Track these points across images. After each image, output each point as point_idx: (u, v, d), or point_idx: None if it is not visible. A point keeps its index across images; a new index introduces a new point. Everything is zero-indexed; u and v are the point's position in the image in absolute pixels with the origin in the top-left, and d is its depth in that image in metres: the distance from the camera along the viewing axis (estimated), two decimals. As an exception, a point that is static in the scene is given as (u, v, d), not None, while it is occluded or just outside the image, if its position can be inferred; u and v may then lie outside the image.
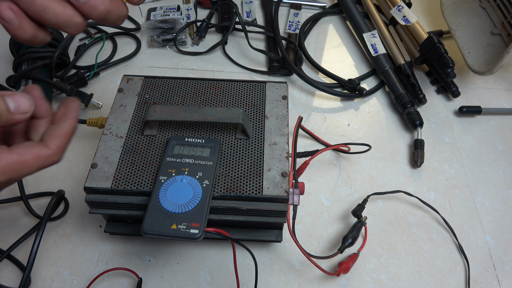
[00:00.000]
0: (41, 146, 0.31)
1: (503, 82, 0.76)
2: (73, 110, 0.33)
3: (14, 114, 0.29)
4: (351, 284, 0.51)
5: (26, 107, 0.29)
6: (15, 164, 0.29)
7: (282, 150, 0.47)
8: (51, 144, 0.31)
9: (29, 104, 0.30)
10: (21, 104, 0.29)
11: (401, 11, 0.74)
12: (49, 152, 0.31)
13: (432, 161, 0.63)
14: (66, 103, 0.34)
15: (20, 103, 0.29)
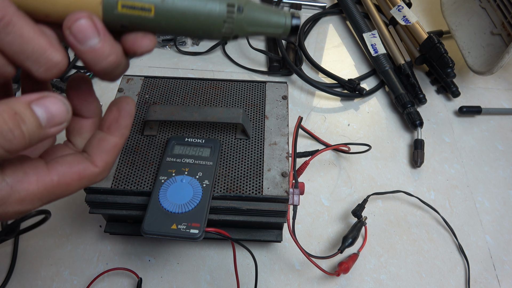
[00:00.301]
0: (87, 163, 0.25)
1: (503, 82, 0.76)
2: (127, 115, 0.26)
3: (47, 128, 0.22)
4: (351, 284, 0.51)
5: (61, 116, 0.22)
6: (55, 188, 0.23)
7: (282, 150, 0.47)
8: (98, 160, 0.25)
9: (65, 110, 0.22)
10: (54, 112, 0.22)
11: (401, 11, 0.74)
12: (96, 170, 0.25)
13: (432, 161, 0.63)
14: (119, 104, 0.26)
15: (53, 110, 0.22)
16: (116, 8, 0.22)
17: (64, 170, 0.24)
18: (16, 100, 0.21)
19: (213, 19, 0.24)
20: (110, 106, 0.26)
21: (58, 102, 0.22)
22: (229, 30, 0.25)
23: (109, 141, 0.26)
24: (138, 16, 0.23)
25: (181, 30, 0.24)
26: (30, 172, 0.23)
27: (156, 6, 0.23)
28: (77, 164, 0.24)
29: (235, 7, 0.24)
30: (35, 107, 0.21)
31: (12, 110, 0.20)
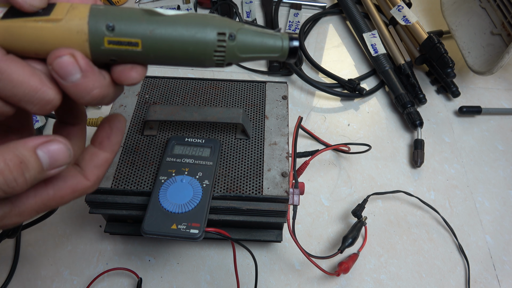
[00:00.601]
0: (79, 177, 0.26)
1: (503, 82, 0.76)
2: (118, 132, 0.27)
3: (48, 171, 0.23)
4: (351, 284, 0.51)
5: (63, 160, 0.23)
6: (50, 200, 0.25)
7: (282, 150, 0.47)
8: (90, 174, 0.26)
9: (67, 155, 0.23)
10: (57, 157, 0.23)
11: (401, 11, 0.74)
12: (88, 184, 0.26)
13: (432, 161, 0.63)
14: (112, 122, 0.27)
15: (56, 155, 0.23)
16: (103, 44, 0.22)
17: (59, 185, 0.25)
18: (23, 144, 0.22)
19: (202, 49, 0.23)
20: (102, 122, 0.27)
21: (61, 146, 0.23)
22: (221, 59, 0.24)
23: (100, 156, 0.27)
24: (126, 50, 0.22)
25: (171, 60, 0.24)
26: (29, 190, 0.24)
27: (143, 40, 0.22)
28: (71, 178, 0.26)
29: (226, 35, 0.23)
30: (40, 152, 0.22)
31: (18, 158, 0.21)
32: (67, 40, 0.21)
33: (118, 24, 0.22)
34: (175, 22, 0.23)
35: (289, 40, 0.25)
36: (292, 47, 0.25)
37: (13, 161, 0.21)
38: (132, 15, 0.22)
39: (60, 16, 0.21)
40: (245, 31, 0.24)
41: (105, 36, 0.22)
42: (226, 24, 0.23)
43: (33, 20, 0.21)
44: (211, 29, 0.23)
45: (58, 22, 0.21)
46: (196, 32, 0.23)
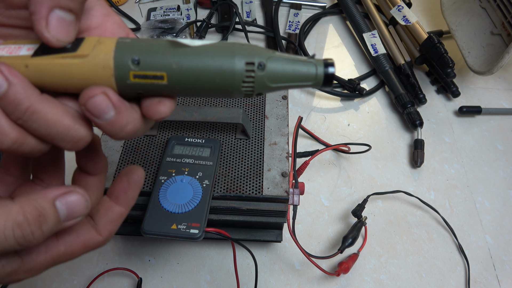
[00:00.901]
0: (92, 232, 0.25)
1: (503, 82, 0.76)
2: (136, 187, 0.27)
3: (64, 222, 0.23)
4: (351, 284, 0.51)
5: (80, 212, 0.23)
6: (60, 257, 0.24)
7: (282, 150, 0.47)
8: (103, 230, 0.26)
9: (85, 207, 0.23)
10: (74, 209, 0.23)
11: (401, 11, 0.74)
12: (100, 239, 0.26)
13: (432, 161, 0.63)
14: (130, 175, 0.27)
15: (74, 206, 0.23)
16: (128, 78, 0.22)
17: (71, 240, 0.25)
18: (43, 196, 0.22)
19: (230, 80, 0.22)
20: (120, 175, 0.27)
21: (80, 198, 0.23)
22: (250, 89, 0.23)
23: (115, 211, 0.27)
24: (151, 84, 0.22)
25: (198, 92, 0.23)
26: (40, 243, 0.23)
27: (168, 73, 0.22)
28: (83, 233, 0.25)
29: (255, 65, 0.22)
30: (58, 203, 0.22)
31: (38, 211, 0.21)
32: (93, 76, 0.21)
33: (144, 57, 0.22)
34: (201, 53, 0.22)
35: (324, 66, 0.23)
36: (328, 74, 0.23)
37: (32, 214, 0.21)
38: (157, 47, 0.22)
39: (86, 51, 0.21)
40: (276, 59, 0.23)
41: (130, 71, 0.22)
42: (255, 53, 0.22)
43: (61, 57, 0.21)
44: (238, 59, 0.22)
45: (84, 58, 0.21)
46: (223, 63, 0.22)
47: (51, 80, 0.22)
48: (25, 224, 0.21)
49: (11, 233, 0.20)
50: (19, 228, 0.21)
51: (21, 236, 0.21)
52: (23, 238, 0.21)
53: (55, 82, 0.22)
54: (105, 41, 0.22)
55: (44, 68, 0.21)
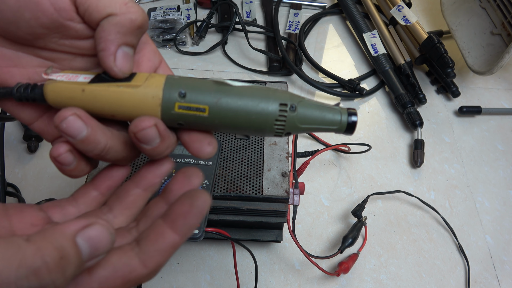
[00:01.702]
0: (135, 263, 0.21)
1: (503, 82, 0.76)
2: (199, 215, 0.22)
3: (86, 262, 0.19)
4: (351, 284, 0.51)
5: (104, 248, 0.19)
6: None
7: (282, 150, 0.47)
8: (149, 260, 0.21)
9: (109, 241, 0.19)
10: (98, 245, 0.19)
11: (401, 11, 0.74)
12: (144, 272, 0.21)
13: (432, 161, 0.63)
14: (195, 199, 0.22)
15: (97, 242, 0.19)
16: (173, 108, 0.24)
17: (107, 276, 0.20)
18: (61, 233, 0.18)
19: (264, 118, 0.24)
20: (183, 197, 0.22)
21: (104, 231, 0.19)
22: (281, 129, 0.25)
23: (168, 238, 0.21)
24: (193, 115, 0.24)
25: (234, 127, 0.25)
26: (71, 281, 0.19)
27: (210, 107, 0.24)
28: (123, 266, 0.21)
29: (287, 106, 0.24)
30: (79, 239, 0.18)
31: (59, 253, 0.17)
32: (142, 103, 0.24)
33: (190, 91, 0.24)
34: (241, 92, 0.24)
35: (348, 115, 0.25)
36: (351, 122, 0.25)
37: (53, 257, 0.17)
38: (203, 85, 0.24)
39: (139, 83, 0.24)
40: (306, 104, 0.25)
41: (176, 102, 0.24)
42: (288, 96, 0.25)
43: (116, 85, 0.24)
44: (274, 100, 0.24)
45: (137, 88, 0.24)
46: (259, 102, 0.24)
47: (103, 106, 0.24)
48: (44, 271, 0.17)
49: (25, 283, 0.16)
50: (36, 277, 0.16)
51: (38, 287, 0.17)
52: None
53: (106, 107, 0.24)
54: (156, 76, 0.25)
55: (99, 93, 0.24)
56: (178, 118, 0.24)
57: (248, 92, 0.24)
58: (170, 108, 0.24)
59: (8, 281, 0.16)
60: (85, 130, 0.22)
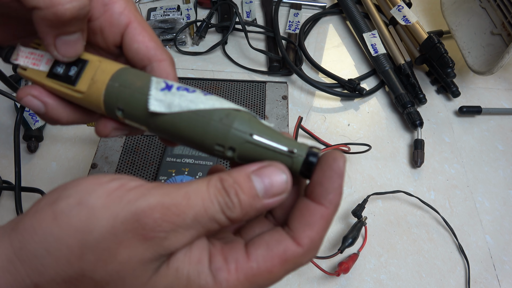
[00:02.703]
0: (287, 242, 0.21)
1: (503, 82, 0.76)
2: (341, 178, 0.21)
3: (264, 199, 0.20)
4: (351, 284, 0.51)
5: (280, 187, 0.20)
6: (255, 276, 0.20)
7: (282, 150, 0.47)
8: (302, 237, 0.21)
9: (284, 181, 0.21)
10: (273, 183, 0.20)
11: (401, 11, 0.74)
12: (299, 251, 0.21)
13: (432, 161, 0.63)
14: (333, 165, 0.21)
15: (273, 181, 0.20)
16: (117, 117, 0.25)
17: (263, 254, 0.20)
18: (239, 169, 0.21)
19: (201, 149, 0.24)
20: (323, 168, 0.21)
21: (278, 172, 0.21)
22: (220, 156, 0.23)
23: (314, 210, 0.21)
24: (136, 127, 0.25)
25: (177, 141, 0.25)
26: (229, 258, 0.21)
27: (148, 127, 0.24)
28: (275, 244, 0.21)
29: (225, 148, 0.22)
30: (253, 176, 0.20)
31: (233, 179, 0.20)
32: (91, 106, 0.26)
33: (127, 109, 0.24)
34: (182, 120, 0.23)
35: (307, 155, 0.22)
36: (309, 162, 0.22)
37: (228, 182, 0.20)
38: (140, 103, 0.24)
39: (83, 88, 0.25)
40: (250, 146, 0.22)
41: (118, 115, 0.25)
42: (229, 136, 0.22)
43: (65, 87, 0.25)
44: (211, 139, 0.22)
45: (82, 94, 0.25)
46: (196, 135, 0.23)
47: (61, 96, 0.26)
48: (223, 191, 0.20)
49: (215, 198, 0.20)
50: (220, 194, 0.20)
51: (223, 202, 0.20)
52: (225, 204, 0.20)
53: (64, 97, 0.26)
54: (99, 80, 0.25)
55: (56, 89, 0.26)
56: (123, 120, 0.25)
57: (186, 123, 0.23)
58: (114, 114, 0.25)
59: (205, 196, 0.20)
60: (42, 108, 0.25)
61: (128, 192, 0.20)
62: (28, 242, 0.19)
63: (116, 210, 0.19)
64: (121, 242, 0.19)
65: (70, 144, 0.62)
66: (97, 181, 0.20)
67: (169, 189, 0.20)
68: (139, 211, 0.19)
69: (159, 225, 0.19)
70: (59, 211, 0.19)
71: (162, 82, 0.24)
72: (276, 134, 0.23)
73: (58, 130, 0.64)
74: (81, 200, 0.19)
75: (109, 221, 0.19)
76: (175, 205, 0.19)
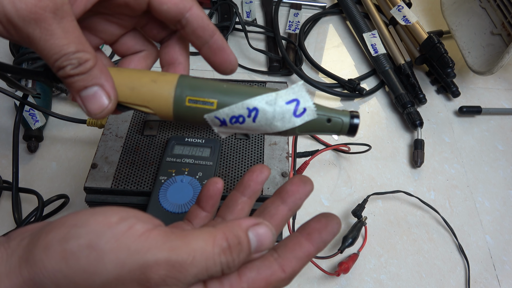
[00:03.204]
0: (275, 267, 0.24)
1: (503, 82, 0.76)
2: (331, 233, 0.26)
3: (253, 254, 0.23)
4: (351, 284, 0.51)
5: (268, 245, 0.23)
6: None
7: (282, 150, 0.47)
8: (288, 266, 0.24)
9: (272, 240, 0.24)
10: (264, 241, 0.23)
11: (401, 11, 0.74)
12: (282, 276, 0.24)
13: (432, 161, 0.63)
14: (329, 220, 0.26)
15: (263, 239, 0.23)
16: (184, 102, 0.27)
17: (253, 277, 0.24)
18: (238, 225, 0.23)
19: None
20: (319, 216, 0.27)
21: (268, 231, 0.23)
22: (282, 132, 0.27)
23: (304, 248, 0.25)
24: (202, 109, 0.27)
25: None
26: (224, 281, 0.23)
27: (218, 102, 0.27)
28: (265, 269, 0.24)
29: None
30: (250, 234, 0.23)
31: (237, 239, 0.22)
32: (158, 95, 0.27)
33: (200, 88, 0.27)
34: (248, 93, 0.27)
35: (350, 117, 0.27)
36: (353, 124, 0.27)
37: (234, 241, 0.22)
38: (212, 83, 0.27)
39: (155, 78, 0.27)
40: None
41: (187, 96, 0.27)
42: None
43: None
44: None
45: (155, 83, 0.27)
46: None
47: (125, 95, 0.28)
48: (228, 251, 0.22)
49: (218, 259, 0.22)
50: (224, 254, 0.22)
51: (225, 263, 0.22)
52: (226, 265, 0.22)
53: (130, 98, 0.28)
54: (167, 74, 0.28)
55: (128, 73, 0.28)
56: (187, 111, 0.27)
57: (254, 93, 0.26)
58: (182, 102, 0.27)
59: (209, 256, 0.22)
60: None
61: (136, 239, 0.21)
62: (38, 275, 0.20)
63: (124, 259, 0.20)
64: None
65: (70, 144, 0.62)
66: (107, 222, 0.21)
67: (177, 243, 0.21)
68: (146, 265, 0.20)
69: (163, 280, 0.21)
70: (69, 251, 0.20)
71: None
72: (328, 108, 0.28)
73: (58, 130, 0.64)
74: (90, 243, 0.21)
75: (116, 268, 0.20)
76: (180, 263, 0.21)
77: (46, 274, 0.20)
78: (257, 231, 0.23)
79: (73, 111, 0.66)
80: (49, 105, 0.64)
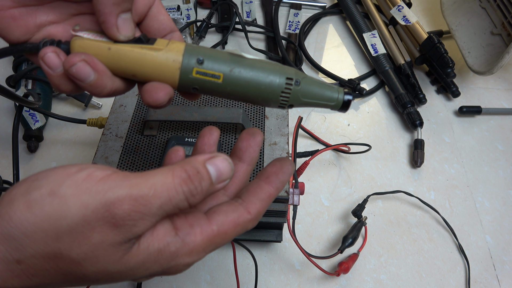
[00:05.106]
0: (240, 210, 0.26)
1: (503, 82, 0.76)
2: (287, 174, 0.28)
3: (216, 185, 0.25)
4: (351, 284, 0.51)
5: (227, 174, 0.25)
6: (215, 237, 0.25)
7: (282, 150, 0.47)
8: (252, 207, 0.26)
9: (230, 169, 0.25)
10: (222, 171, 0.25)
11: (401, 11, 0.74)
12: (248, 217, 0.26)
13: (432, 161, 0.63)
14: (283, 163, 0.28)
15: (221, 169, 0.25)
16: (191, 73, 0.26)
17: (222, 219, 0.25)
18: (195, 160, 0.24)
19: (272, 89, 0.27)
20: (274, 161, 0.29)
21: (225, 161, 0.25)
22: (285, 100, 0.28)
23: (265, 190, 0.27)
24: (208, 81, 0.27)
25: (243, 96, 0.28)
26: (195, 224, 0.25)
27: (224, 75, 0.27)
28: (232, 212, 0.26)
29: (293, 80, 0.27)
30: (208, 165, 0.24)
31: (195, 169, 0.24)
32: (163, 66, 0.26)
33: (207, 59, 0.26)
34: (253, 64, 0.27)
35: (344, 94, 0.29)
36: (346, 100, 0.29)
37: (192, 171, 0.23)
38: (219, 54, 0.27)
39: (161, 47, 0.26)
40: (308, 80, 0.28)
41: (194, 67, 0.26)
42: (293, 72, 0.28)
43: (140, 47, 0.26)
44: (281, 74, 0.27)
45: (159, 51, 0.26)
46: (269, 74, 0.27)
47: (126, 65, 0.26)
48: (188, 180, 0.23)
49: (180, 188, 0.23)
50: (185, 184, 0.23)
51: (188, 191, 0.23)
52: (189, 193, 0.23)
53: (129, 67, 0.26)
54: (176, 42, 0.27)
55: (124, 53, 0.26)
56: (194, 82, 0.27)
57: (259, 65, 0.27)
58: (188, 73, 0.26)
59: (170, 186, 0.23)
60: (92, 75, 0.25)
61: (96, 183, 0.22)
62: (5, 227, 0.21)
63: (86, 200, 0.21)
64: (93, 228, 0.21)
65: (70, 144, 0.62)
66: (66, 172, 0.22)
67: (136, 180, 0.22)
68: (108, 202, 0.21)
69: (128, 215, 0.22)
70: (32, 200, 0.21)
71: None
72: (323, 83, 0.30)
73: (58, 130, 0.64)
74: (52, 190, 0.21)
75: (80, 210, 0.21)
76: (142, 197, 0.22)
77: (13, 225, 0.21)
78: (214, 162, 0.24)
79: (73, 111, 0.66)
80: (49, 105, 0.64)
